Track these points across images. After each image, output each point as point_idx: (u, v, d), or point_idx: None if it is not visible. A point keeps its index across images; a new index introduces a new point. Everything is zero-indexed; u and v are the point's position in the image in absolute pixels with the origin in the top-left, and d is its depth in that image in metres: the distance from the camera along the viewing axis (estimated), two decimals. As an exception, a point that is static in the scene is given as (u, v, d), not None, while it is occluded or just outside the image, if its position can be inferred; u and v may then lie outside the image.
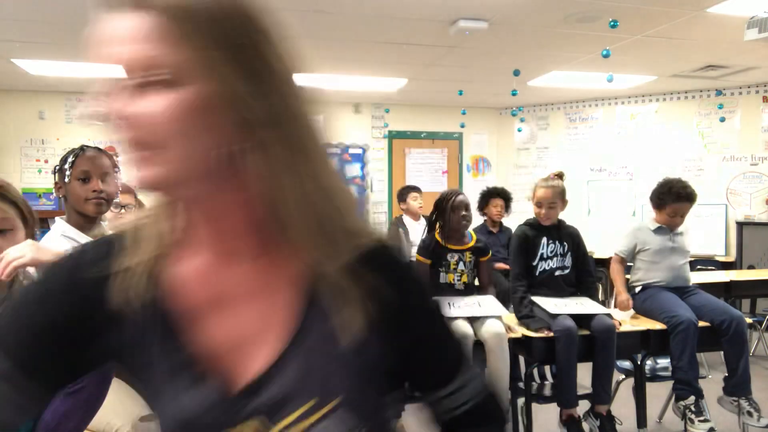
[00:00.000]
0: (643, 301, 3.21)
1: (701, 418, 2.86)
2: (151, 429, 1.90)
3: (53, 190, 2.05)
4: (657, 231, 3.25)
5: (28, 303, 0.65)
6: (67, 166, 1.95)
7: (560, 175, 3.17)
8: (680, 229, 3.29)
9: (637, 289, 3.29)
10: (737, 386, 2.97)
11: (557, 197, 3.01)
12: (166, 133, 0.56)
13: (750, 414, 2.93)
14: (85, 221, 1.98)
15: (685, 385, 2.91)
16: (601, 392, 2.85)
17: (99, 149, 2.05)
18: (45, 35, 4.39)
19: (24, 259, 1.22)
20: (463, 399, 0.75)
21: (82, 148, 2.01)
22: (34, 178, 6.43)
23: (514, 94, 5.27)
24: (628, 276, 3.43)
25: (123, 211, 3.23)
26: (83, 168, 1.95)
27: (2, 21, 4.04)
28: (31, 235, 1.37)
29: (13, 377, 0.61)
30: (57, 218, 2.01)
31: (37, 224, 1.41)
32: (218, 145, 0.57)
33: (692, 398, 2.90)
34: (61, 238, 1.92)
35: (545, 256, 3.02)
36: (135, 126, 0.56)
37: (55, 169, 2.02)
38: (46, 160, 6.45)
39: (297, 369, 0.62)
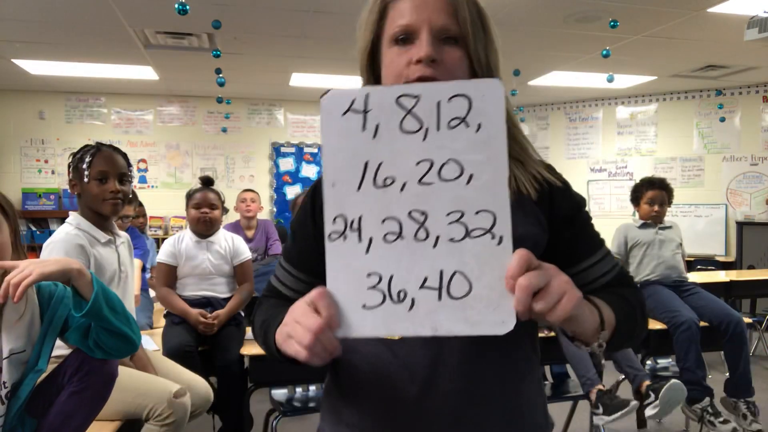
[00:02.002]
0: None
1: (721, 419, 2.85)
2: (186, 402, 1.91)
3: (68, 187, 2.04)
4: (642, 226, 3.32)
5: (295, 232, 0.98)
6: (84, 166, 1.94)
7: None
8: (666, 223, 3.34)
9: None
10: (737, 388, 2.97)
11: None
12: (450, 73, 0.82)
13: (744, 417, 2.93)
14: (98, 218, 2.00)
15: (696, 386, 2.90)
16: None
17: (114, 148, 2.05)
18: (45, 35, 4.40)
19: (32, 277, 1.22)
20: (603, 270, 0.92)
21: (98, 147, 2.00)
22: (34, 178, 6.43)
23: (513, 94, 5.27)
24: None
25: (122, 222, 3.25)
26: (101, 168, 1.95)
27: (2, 21, 4.04)
28: (13, 227, 1.37)
29: (306, 280, 0.94)
30: (72, 213, 2.02)
31: (17, 216, 1.41)
32: None
33: (707, 400, 2.89)
34: (77, 231, 1.93)
35: None
36: (439, 65, 0.82)
37: (69, 166, 2.00)
38: (46, 160, 6.46)
39: None
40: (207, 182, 2.90)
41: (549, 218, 0.90)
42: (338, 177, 0.70)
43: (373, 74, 0.92)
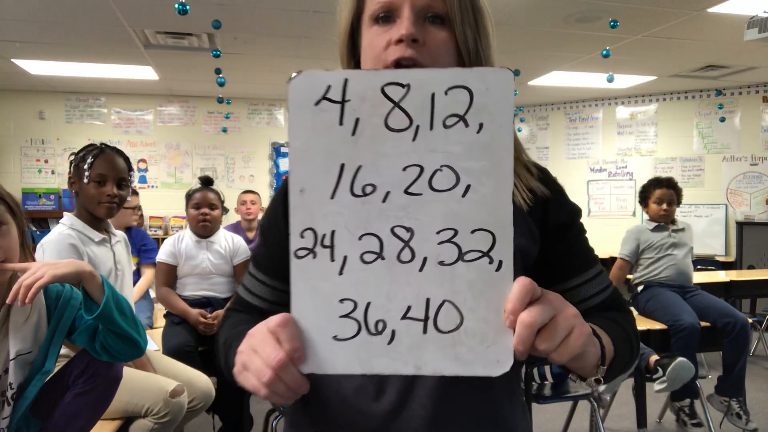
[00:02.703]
0: (646, 301, 3.20)
1: (694, 421, 2.88)
2: (182, 402, 1.92)
3: (67, 184, 2.05)
4: (656, 229, 3.28)
5: (264, 235, 0.89)
6: (85, 166, 1.95)
7: None
8: (679, 225, 3.32)
9: (640, 288, 3.28)
10: (731, 387, 2.98)
11: None
12: (433, 57, 0.74)
13: (739, 416, 2.94)
14: (93, 219, 2.00)
15: (684, 389, 2.92)
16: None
17: (117, 150, 2.05)
18: (45, 35, 4.40)
19: (44, 278, 1.22)
20: (596, 289, 0.84)
21: (102, 149, 2.01)
22: (34, 178, 6.43)
23: (513, 94, 5.27)
24: (630, 277, 3.42)
25: (133, 212, 3.27)
26: (101, 171, 1.96)
27: (2, 21, 4.04)
28: (21, 228, 1.38)
29: (280, 288, 0.85)
30: (66, 214, 2.03)
31: (24, 216, 1.41)
32: None
33: (687, 400, 2.92)
34: (70, 231, 1.94)
35: None
36: (422, 47, 0.74)
37: (71, 163, 2.01)
38: (46, 160, 6.46)
39: None
40: (206, 182, 2.90)
41: (541, 228, 0.83)
42: (308, 182, 0.59)
43: (353, 59, 0.83)
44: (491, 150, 0.57)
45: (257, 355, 0.59)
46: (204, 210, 2.77)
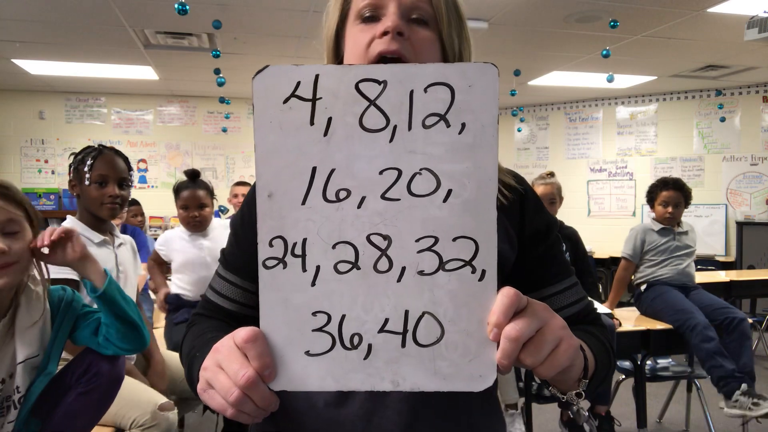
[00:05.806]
0: (651, 300, 3.17)
1: (755, 400, 2.75)
2: (171, 418, 1.91)
3: (68, 187, 2.04)
4: (661, 232, 3.25)
5: (236, 234, 0.87)
6: (85, 168, 1.93)
7: (552, 174, 3.21)
8: (684, 228, 3.29)
9: (643, 288, 3.26)
10: (743, 375, 2.88)
11: (556, 193, 3.05)
12: (417, 53, 0.75)
13: (756, 405, 2.82)
14: (96, 221, 1.99)
15: (729, 378, 2.83)
16: (601, 392, 2.85)
17: (116, 151, 2.04)
18: (45, 35, 4.39)
19: (75, 242, 1.37)
20: (570, 299, 0.83)
21: (101, 150, 1.99)
22: (34, 178, 6.43)
23: (513, 94, 5.28)
24: (632, 277, 3.41)
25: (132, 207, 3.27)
26: (101, 172, 1.94)
27: (2, 21, 4.04)
28: (35, 235, 1.38)
29: (253, 289, 0.80)
30: (69, 216, 2.01)
31: (40, 224, 1.41)
32: None
33: (744, 386, 2.79)
34: None
35: None
36: (406, 41, 0.74)
37: (70, 167, 2.00)
38: (46, 160, 6.45)
39: None
40: (193, 176, 2.74)
41: (518, 233, 0.82)
42: (277, 186, 0.55)
43: (336, 60, 0.83)
44: (474, 152, 0.54)
45: (223, 372, 0.55)
46: (194, 213, 2.67)
